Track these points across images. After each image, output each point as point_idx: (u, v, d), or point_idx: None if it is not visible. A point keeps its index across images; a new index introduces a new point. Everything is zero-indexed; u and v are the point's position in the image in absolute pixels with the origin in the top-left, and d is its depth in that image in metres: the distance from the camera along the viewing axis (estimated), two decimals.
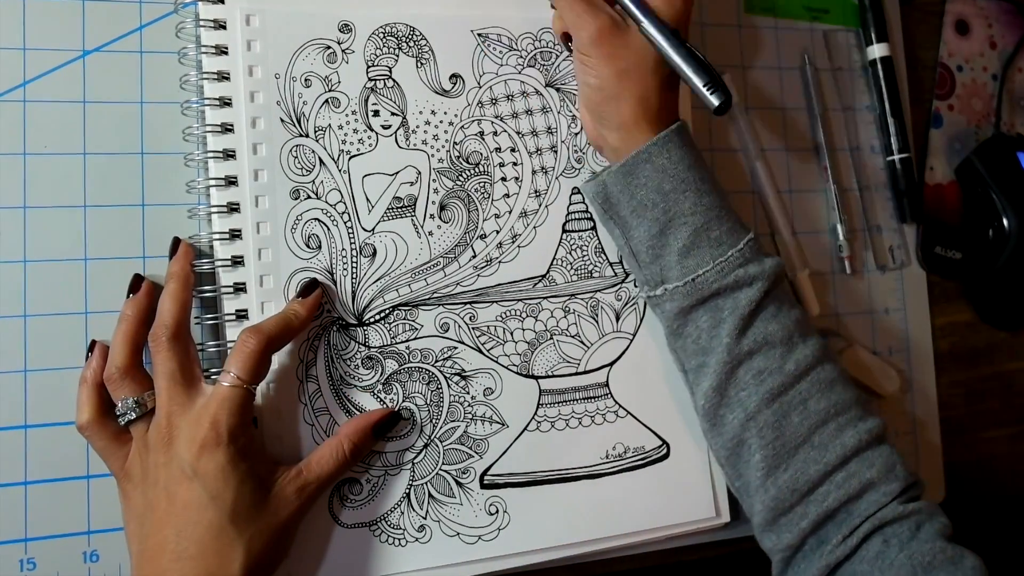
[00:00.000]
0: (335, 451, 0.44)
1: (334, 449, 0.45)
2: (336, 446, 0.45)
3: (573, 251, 0.53)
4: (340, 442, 0.45)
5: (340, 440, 0.45)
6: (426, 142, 0.51)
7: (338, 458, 0.44)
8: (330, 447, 0.45)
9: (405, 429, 0.49)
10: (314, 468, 0.44)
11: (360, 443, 0.46)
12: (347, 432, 0.46)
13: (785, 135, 0.62)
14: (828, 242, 0.62)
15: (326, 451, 0.45)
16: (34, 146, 0.47)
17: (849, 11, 0.65)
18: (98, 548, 0.45)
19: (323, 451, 0.45)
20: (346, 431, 0.46)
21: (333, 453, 0.44)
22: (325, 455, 0.44)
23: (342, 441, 0.45)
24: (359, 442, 0.46)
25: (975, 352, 0.66)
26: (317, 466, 0.44)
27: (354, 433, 0.46)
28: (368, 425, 0.46)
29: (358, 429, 0.46)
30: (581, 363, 0.53)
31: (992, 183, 0.65)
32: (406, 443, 0.49)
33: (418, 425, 0.49)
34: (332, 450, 0.45)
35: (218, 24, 0.48)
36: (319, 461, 0.44)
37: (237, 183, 0.48)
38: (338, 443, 0.45)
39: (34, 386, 0.46)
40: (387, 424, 0.47)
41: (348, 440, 0.45)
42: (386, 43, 0.51)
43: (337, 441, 0.45)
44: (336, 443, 0.45)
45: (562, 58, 0.55)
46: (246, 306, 0.47)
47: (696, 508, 0.53)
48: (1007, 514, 0.68)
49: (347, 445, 0.45)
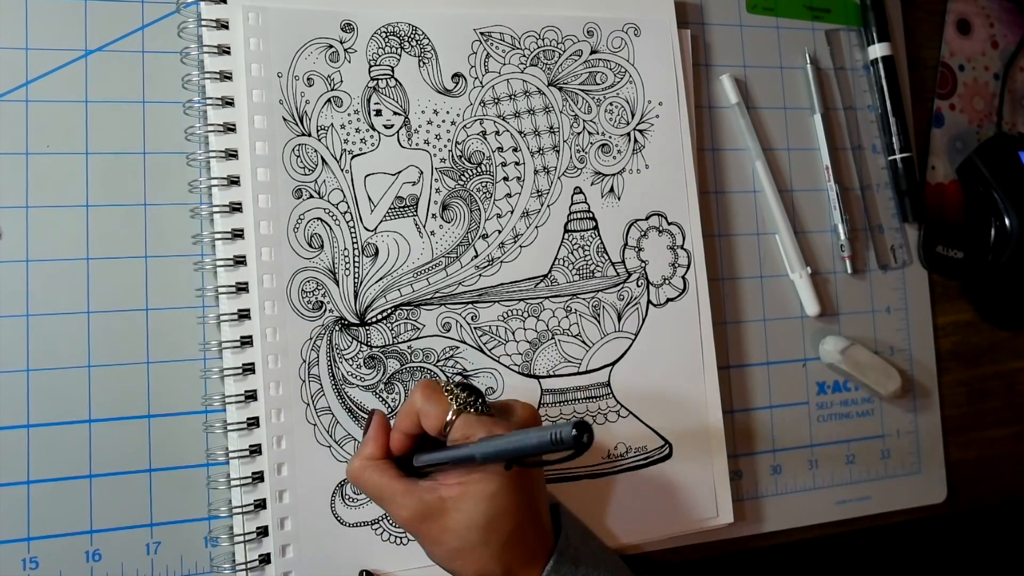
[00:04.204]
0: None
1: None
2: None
3: (575, 251, 0.53)
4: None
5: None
6: (428, 142, 0.51)
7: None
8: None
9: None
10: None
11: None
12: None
13: (786, 135, 0.62)
14: (830, 242, 0.62)
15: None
16: (36, 146, 0.47)
17: (851, 10, 0.65)
18: (100, 547, 0.45)
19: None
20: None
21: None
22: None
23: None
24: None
25: (977, 351, 0.66)
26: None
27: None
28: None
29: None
30: (583, 363, 0.53)
31: (994, 182, 0.65)
32: None
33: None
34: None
35: (220, 23, 0.48)
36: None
37: (239, 183, 0.48)
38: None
39: (37, 386, 0.46)
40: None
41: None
42: (388, 42, 0.51)
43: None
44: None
45: (565, 57, 0.55)
46: (248, 305, 0.47)
47: (698, 508, 0.53)
48: (1008, 514, 0.68)
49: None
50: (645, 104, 0.56)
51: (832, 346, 0.59)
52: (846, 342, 0.59)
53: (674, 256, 0.55)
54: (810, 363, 0.60)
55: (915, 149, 0.64)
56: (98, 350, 0.46)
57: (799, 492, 0.58)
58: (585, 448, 0.34)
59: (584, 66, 0.55)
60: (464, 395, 0.42)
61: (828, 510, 0.59)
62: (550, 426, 0.36)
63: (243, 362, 0.47)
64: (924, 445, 0.62)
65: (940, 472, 0.63)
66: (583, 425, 0.34)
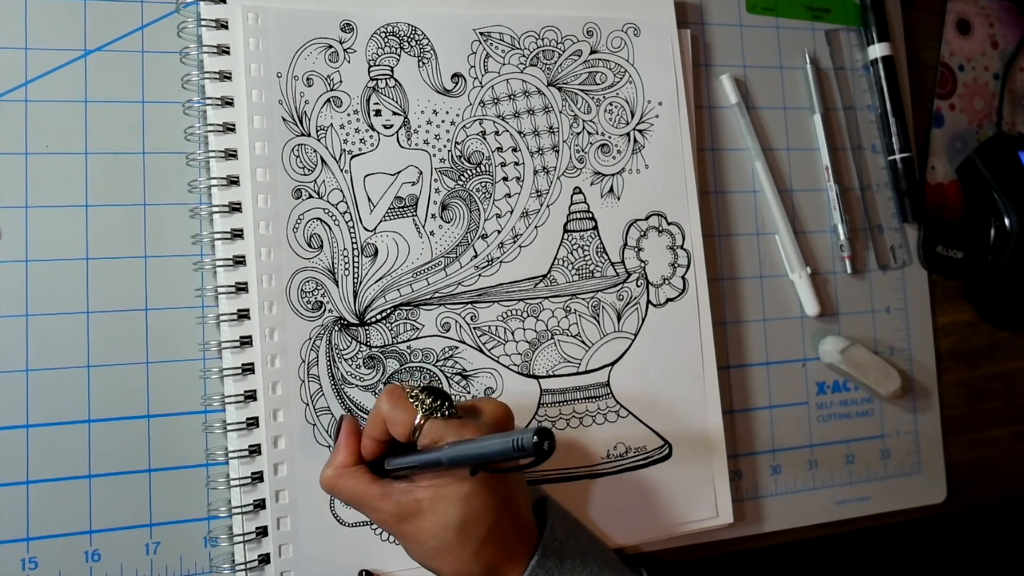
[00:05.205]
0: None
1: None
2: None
3: (574, 251, 0.53)
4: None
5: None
6: (428, 142, 0.51)
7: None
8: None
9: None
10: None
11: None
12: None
13: (786, 135, 0.62)
14: (829, 242, 0.62)
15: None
16: (36, 145, 0.47)
17: (850, 10, 0.65)
18: (100, 547, 0.45)
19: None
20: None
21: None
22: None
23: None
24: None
25: (976, 351, 0.66)
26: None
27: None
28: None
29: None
30: (582, 363, 0.52)
31: (994, 182, 0.65)
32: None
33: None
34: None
35: (220, 23, 0.48)
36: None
37: (239, 183, 0.48)
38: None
39: (36, 386, 0.46)
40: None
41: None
42: (388, 42, 0.51)
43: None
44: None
45: (564, 57, 0.55)
46: (248, 305, 0.47)
47: (698, 508, 0.53)
48: (1008, 514, 0.68)
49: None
50: (645, 104, 0.56)
51: (832, 346, 0.59)
52: (846, 342, 0.59)
53: (674, 256, 0.55)
54: (810, 363, 0.60)
55: (915, 149, 0.64)
56: (97, 350, 0.46)
57: (799, 492, 0.58)
58: (546, 455, 0.34)
59: (584, 66, 0.55)
60: (429, 400, 0.42)
61: (828, 510, 0.59)
62: (513, 432, 0.36)
63: (242, 362, 0.47)
64: (924, 445, 0.62)
65: (940, 472, 0.63)
66: (545, 432, 0.34)
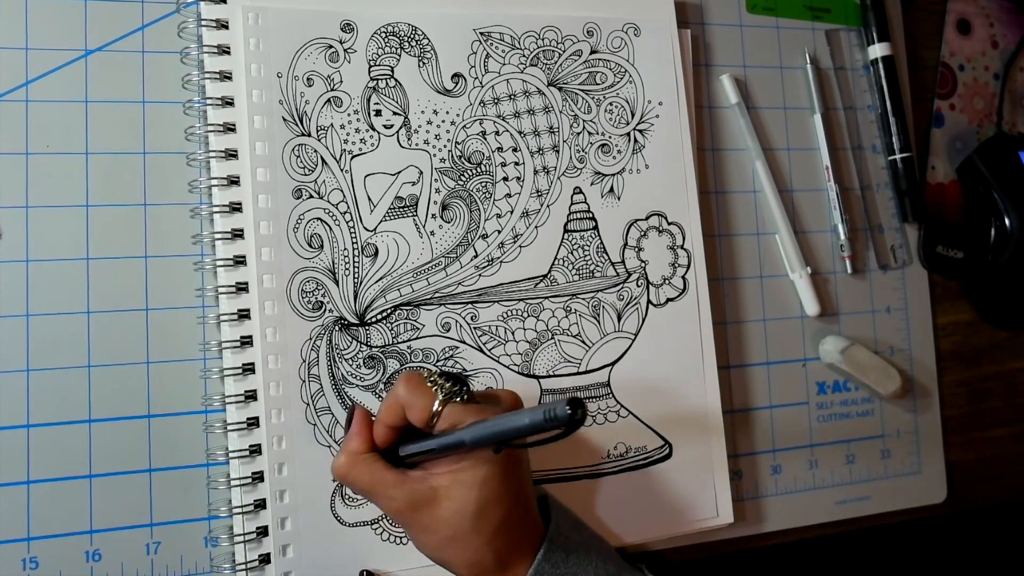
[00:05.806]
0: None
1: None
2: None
3: (575, 251, 0.53)
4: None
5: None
6: (428, 142, 0.51)
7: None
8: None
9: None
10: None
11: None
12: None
13: (786, 135, 0.62)
14: (830, 242, 0.62)
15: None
16: (36, 146, 0.47)
17: (851, 10, 0.65)
18: (100, 547, 0.45)
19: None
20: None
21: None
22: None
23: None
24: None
25: (977, 351, 0.66)
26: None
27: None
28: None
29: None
30: (582, 363, 0.53)
31: (994, 182, 0.65)
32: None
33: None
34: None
35: (220, 23, 0.48)
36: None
37: (239, 183, 0.48)
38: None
39: (36, 385, 0.46)
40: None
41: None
42: (388, 42, 0.51)
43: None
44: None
45: (564, 57, 0.55)
46: (248, 305, 0.47)
47: (698, 508, 0.53)
48: (1008, 514, 0.68)
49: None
50: (645, 104, 0.56)
51: (832, 346, 0.59)
52: (846, 342, 0.59)
53: (674, 256, 0.55)
54: (810, 363, 0.60)
55: (915, 149, 0.64)
56: (98, 350, 0.46)
57: (799, 492, 0.58)
58: (579, 424, 0.34)
59: (584, 66, 0.55)
60: (449, 385, 0.41)
61: (828, 510, 0.59)
62: (542, 405, 0.35)
63: (243, 362, 0.47)
64: (924, 445, 0.62)
65: (940, 472, 0.63)
66: (576, 401, 0.34)
